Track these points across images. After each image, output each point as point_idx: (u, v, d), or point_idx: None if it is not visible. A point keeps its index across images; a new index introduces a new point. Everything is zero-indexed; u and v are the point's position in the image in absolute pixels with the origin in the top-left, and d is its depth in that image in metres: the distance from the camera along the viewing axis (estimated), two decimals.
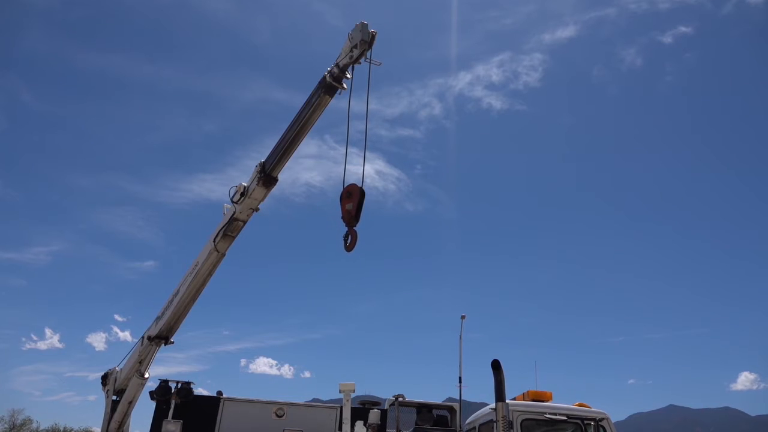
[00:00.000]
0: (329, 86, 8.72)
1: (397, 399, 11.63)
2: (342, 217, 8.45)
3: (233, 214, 9.90)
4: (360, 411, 11.45)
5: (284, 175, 9.82)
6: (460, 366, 13.15)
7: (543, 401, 9.40)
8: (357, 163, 9.32)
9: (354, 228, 8.36)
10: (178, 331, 11.05)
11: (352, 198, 8.42)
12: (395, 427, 11.31)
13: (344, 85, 8.77)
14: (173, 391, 10.85)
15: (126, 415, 11.21)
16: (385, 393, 12.62)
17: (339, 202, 8.57)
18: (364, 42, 8.28)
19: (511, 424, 8.62)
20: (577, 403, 9.60)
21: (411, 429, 11.79)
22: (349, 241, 8.33)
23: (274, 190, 9.81)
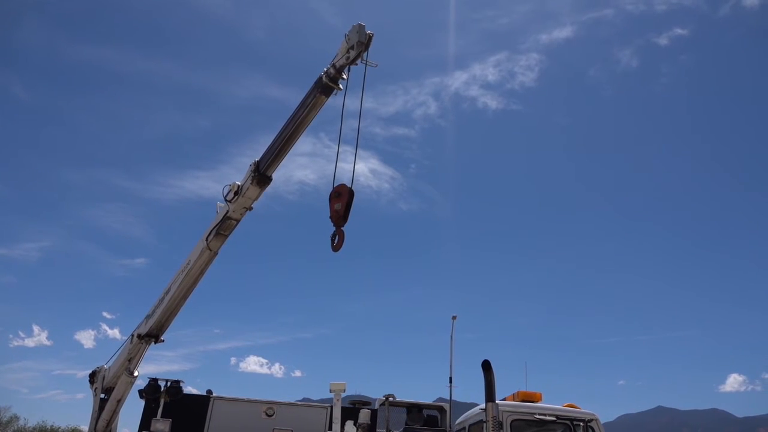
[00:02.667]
0: (325, 86, 8.71)
1: (387, 399, 11.64)
2: (330, 217, 8.38)
3: (226, 213, 9.85)
4: (350, 411, 11.45)
5: (278, 173, 9.76)
6: (450, 366, 13.16)
7: (533, 402, 9.44)
8: (350, 161, 9.25)
9: (342, 228, 8.29)
10: (168, 329, 11.00)
11: (341, 198, 8.35)
12: (385, 427, 11.32)
13: (340, 86, 8.77)
14: (162, 389, 10.78)
15: (114, 413, 11.14)
16: (375, 393, 12.65)
17: (328, 202, 8.51)
18: (360, 43, 8.27)
19: (500, 425, 8.64)
20: (566, 403, 9.64)
21: (401, 429, 11.81)
22: (336, 241, 8.26)
23: (268, 188, 9.78)
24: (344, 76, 8.73)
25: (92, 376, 11.61)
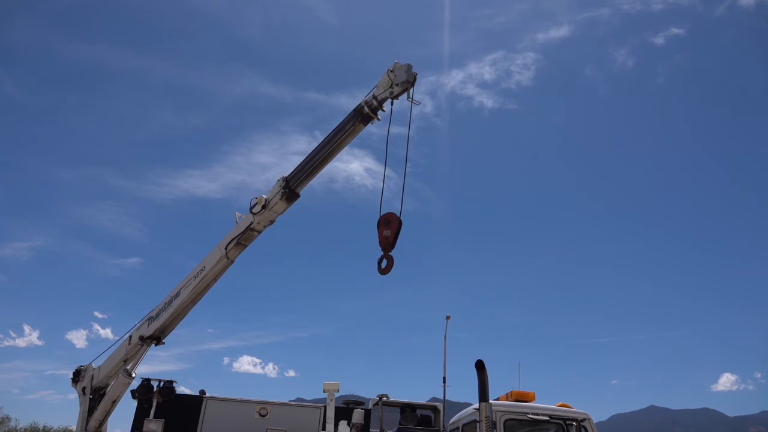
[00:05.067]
0: (366, 116, 9.37)
1: (381, 399, 11.64)
2: (379, 243, 8.95)
3: (250, 224, 10.16)
4: (344, 410, 11.45)
5: (272, 172, 10.04)
6: (444, 366, 13.21)
7: (526, 401, 9.47)
8: (345, 160, 9.57)
9: (390, 254, 8.87)
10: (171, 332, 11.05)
11: (391, 226, 8.93)
12: (379, 427, 11.33)
13: (378, 117, 9.42)
14: (155, 389, 10.75)
15: (108, 414, 11.08)
16: (369, 393, 12.65)
17: (376, 227, 9.06)
18: (407, 82, 8.99)
19: (494, 424, 8.66)
20: (559, 403, 9.67)
21: (395, 429, 11.81)
22: (384, 265, 8.85)
23: (261, 186, 10.07)
24: (384, 109, 9.41)
25: (76, 375, 11.45)
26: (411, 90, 9.15)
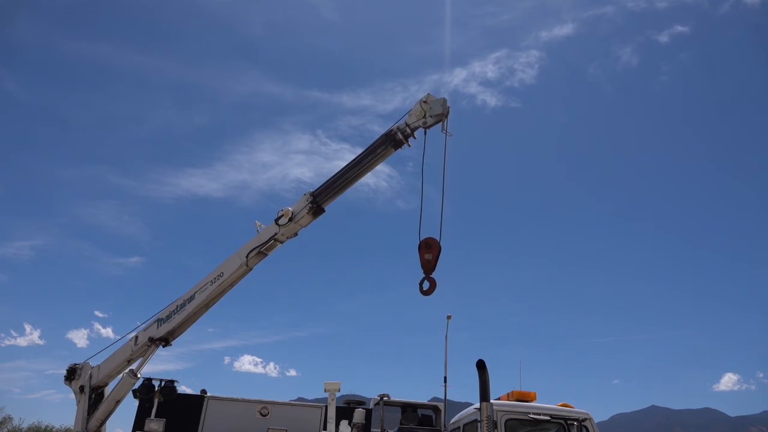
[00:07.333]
0: (398, 142, 9.92)
1: (382, 398, 11.63)
2: (421, 266, 9.59)
3: (274, 235, 10.51)
4: (345, 410, 11.45)
5: (274, 170, 10.16)
6: (445, 366, 13.19)
7: (527, 401, 9.45)
8: (348, 159, 10.02)
9: (432, 276, 9.52)
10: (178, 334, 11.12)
11: (432, 250, 9.57)
12: (380, 427, 11.33)
13: (410, 143, 9.98)
14: (156, 389, 10.73)
15: (110, 413, 11.06)
16: (370, 392, 12.63)
17: (417, 251, 9.63)
18: (441, 114, 9.65)
19: (495, 424, 8.65)
20: (560, 403, 9.66)
21: (396, 429, 11.81)
22: (426, 287, 9.54)
23: (263, 185, 10.26)
24: (415, 137, 9.98)
25: (71, 373, 11.28)
26: (445, 122, 9.66)
